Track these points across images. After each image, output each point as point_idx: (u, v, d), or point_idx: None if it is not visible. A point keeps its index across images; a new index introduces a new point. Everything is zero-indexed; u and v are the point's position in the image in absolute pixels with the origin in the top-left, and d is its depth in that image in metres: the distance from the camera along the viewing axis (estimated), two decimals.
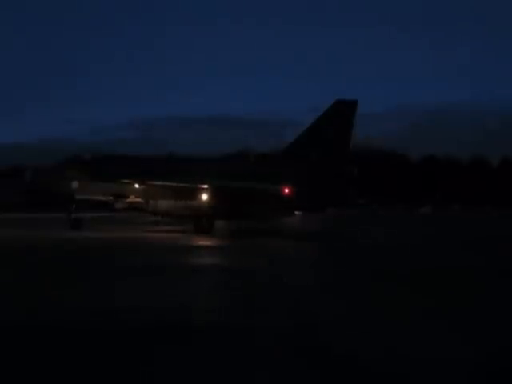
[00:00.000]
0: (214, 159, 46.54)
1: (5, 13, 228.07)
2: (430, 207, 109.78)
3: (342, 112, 37.79)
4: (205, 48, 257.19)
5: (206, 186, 34.44)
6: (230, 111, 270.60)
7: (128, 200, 36.35)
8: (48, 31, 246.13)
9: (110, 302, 12.13)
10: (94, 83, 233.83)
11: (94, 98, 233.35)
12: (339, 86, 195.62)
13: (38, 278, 15.62)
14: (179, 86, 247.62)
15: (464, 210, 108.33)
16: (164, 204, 35.74)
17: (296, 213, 42.67)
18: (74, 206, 36.99)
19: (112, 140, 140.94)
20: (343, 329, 10.14)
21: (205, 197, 35.05)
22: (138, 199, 36.24)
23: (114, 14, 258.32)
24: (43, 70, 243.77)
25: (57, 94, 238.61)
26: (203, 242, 29.09)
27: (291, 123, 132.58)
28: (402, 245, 30.49)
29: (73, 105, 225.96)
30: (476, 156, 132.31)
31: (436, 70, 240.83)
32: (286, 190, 31.68)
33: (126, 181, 35.00)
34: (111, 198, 36.22)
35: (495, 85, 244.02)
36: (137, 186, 35.48)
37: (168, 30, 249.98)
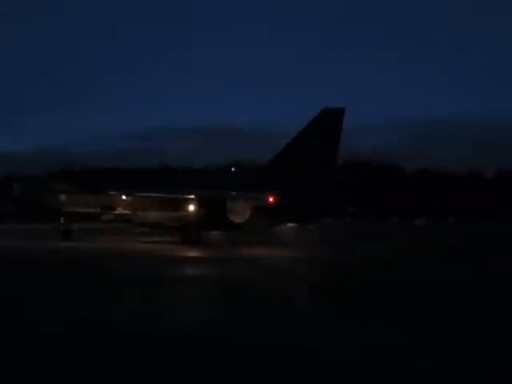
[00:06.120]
0: (201, 170, 46.66)
1: (3, 20, 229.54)
2: (425, 219, 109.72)
3: (330, 120, 37.80)
4: (204, 60, 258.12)
5: (192, 197, 34.47)
6: (230, 122, 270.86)
7: (116, 212, 36.36)
8: (47, 41, 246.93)
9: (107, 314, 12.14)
10: (94, 93, 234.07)
11: (94, 107, 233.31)
12: (338, 98, 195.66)
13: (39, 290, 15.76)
14: (179, 97, 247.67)
15: (459, 223, 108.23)
16: (151, 215, 35.72)
17: (290, 224, 42.66)
18: (62, 218, 37.04)
19: (111, 150, 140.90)
20: (331, 334, 10.62)
21: (191, 207, 35.05)
22: (126, 211, 36.24)
23: (115, 24, 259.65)
24: (43, 79, 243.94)
25: (56, 104, 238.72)
26: (190, 253, 29.12)
27: (291, 134, 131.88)
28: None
29: (72, 114, 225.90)
30: (472, 169, 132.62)
31: (435, 83, 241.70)
32: (271, 199, 31.69)
33: (112, 193, 35.03)
34: (99, 210, 36.23)
35: (493, 98, 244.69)
36: (124, 197, 35.48)
37: (167, 40, 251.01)
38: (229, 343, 9.57)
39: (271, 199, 31.72)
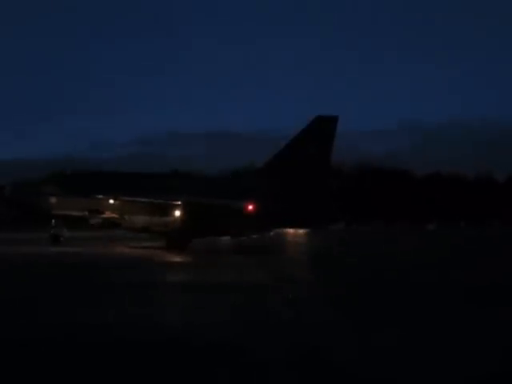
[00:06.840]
0: (192, 176, 46.53)
1: (3, 20, 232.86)
2: (436, 224, 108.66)
3: (323, 127, 37.62)
4: (204, 64, 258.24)
5: (178, 203, 34.29)
6: (230, 127, 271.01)
7: (104, 216, 36.38)
8: (49, 48, 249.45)
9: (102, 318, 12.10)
10: (95, 99, 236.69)
11: (94, 111, 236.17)
12: (343, 102, 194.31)
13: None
14: (179, 102, 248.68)
15: (471, 228, 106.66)
16: (139, 220, 35.67)
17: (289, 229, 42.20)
18: (53, 222, 37.23)
19: (112, 156, 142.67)
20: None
21: (177, 213, 34.85)
22: (114, 215, 36.24)
23: (116, 30, 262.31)
24: (45, 85, 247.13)
25: (57, 108, 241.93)
26: (175, 258, 28.98)
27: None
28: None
29: (74, 121, 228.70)
30: (483, 173, 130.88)
31: (445, 87, 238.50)
32: (250, 207, 31.33)
33: (99, 196, 35.03)
34: (87, 213, 36.28)
35: (504, 101, 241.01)
36: (111, 201, 35.42)
37: (167, 45, 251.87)
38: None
39: (250, 207, 31.40)
